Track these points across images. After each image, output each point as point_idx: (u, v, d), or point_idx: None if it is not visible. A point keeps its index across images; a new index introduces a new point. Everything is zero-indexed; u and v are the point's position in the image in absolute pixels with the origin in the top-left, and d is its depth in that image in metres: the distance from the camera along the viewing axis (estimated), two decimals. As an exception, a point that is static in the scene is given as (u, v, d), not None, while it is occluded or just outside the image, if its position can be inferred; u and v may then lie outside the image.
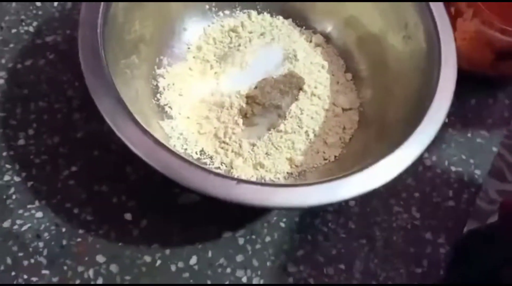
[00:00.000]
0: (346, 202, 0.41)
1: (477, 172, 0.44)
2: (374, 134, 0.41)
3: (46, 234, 0.37)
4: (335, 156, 0.41)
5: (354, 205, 0.41)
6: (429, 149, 0.34)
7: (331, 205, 0.40)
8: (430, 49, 0.37)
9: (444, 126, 0.35)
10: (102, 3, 0.33)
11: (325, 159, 0.41)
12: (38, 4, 0.46)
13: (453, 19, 0.42)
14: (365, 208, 0.41)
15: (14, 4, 0.45)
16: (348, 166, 0.40)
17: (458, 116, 0.46)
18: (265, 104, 0.40)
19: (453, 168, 0.44)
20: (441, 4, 0.38)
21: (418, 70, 0.38)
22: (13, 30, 0.44)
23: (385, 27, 0.41)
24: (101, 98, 0.30)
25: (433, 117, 0.34)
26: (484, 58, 0.43)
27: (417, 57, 0.38)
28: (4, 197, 0.37)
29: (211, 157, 0.40)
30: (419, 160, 0.41)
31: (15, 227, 0.37)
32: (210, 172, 0.29)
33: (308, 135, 0.41)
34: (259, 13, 0.46)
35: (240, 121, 0.40)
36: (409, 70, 0.39)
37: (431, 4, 0.37)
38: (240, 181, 0.29)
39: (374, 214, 0.41)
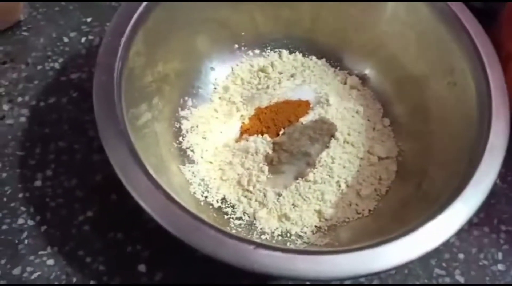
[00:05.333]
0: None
1: (531, 232, 0.39)
2: (414, 187, 0.37)
3: (56, 284, 0.35)
4: (370, 210, 0.38)
5: (390, 266, 0.37)
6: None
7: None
8: (479, 98, 0.33)
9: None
10: (121, 43, 0.31)
11: (358, 213, 0.38)
12: (66, 40, 0.45)
13: (504, 63, 0.38)
14: (402, 270, 0.37)
15: (42, 39, 0.45)
16: (384, 222, 0.36)
17: (510, 168, 0.41)
18: (293, 152, 0.37)
19: (503, 227, 0.39)
20: (491, 47, 0.34)
21: (465, 120, 0.34)
22: (39, 67, 0.43)
23: (428, 70, 0.38)
24: (113, 148, 0.28)
25: (483, 174, 0.31)
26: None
27: (463, 106, 0.34)
28: (16, 242, 0.36)
29: (233, 206, 0.37)
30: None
31: (25, 274, 0.35)
32: (224, 233, 0.26)
33: (339, 186, 0.38)
34: (290, 52, 0.44)
35: (266, 168, 0.37)
36: (454, 119, 0.36)
37: (480, 48, 0.33)
38: (258, 246, 0.26)
39: (412, 278, 0.37)
